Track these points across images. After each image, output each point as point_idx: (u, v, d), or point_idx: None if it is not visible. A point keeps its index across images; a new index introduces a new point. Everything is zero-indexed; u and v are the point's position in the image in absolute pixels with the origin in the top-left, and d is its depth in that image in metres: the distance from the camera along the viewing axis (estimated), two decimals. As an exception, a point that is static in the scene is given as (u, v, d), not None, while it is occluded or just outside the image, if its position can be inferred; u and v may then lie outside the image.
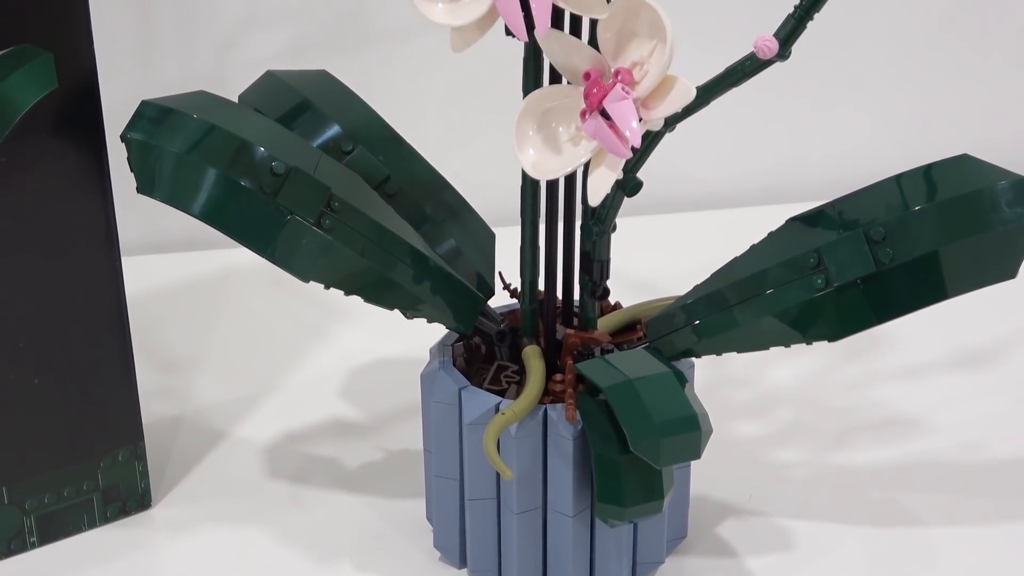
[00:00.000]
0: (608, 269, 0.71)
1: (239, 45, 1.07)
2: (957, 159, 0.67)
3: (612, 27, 0.60)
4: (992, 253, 0.65)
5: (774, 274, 0.67)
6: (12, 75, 0.65)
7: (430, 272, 0.70)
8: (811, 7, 0.61)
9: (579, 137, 0.61)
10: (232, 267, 1.06)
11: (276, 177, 0.65)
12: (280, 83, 0.75)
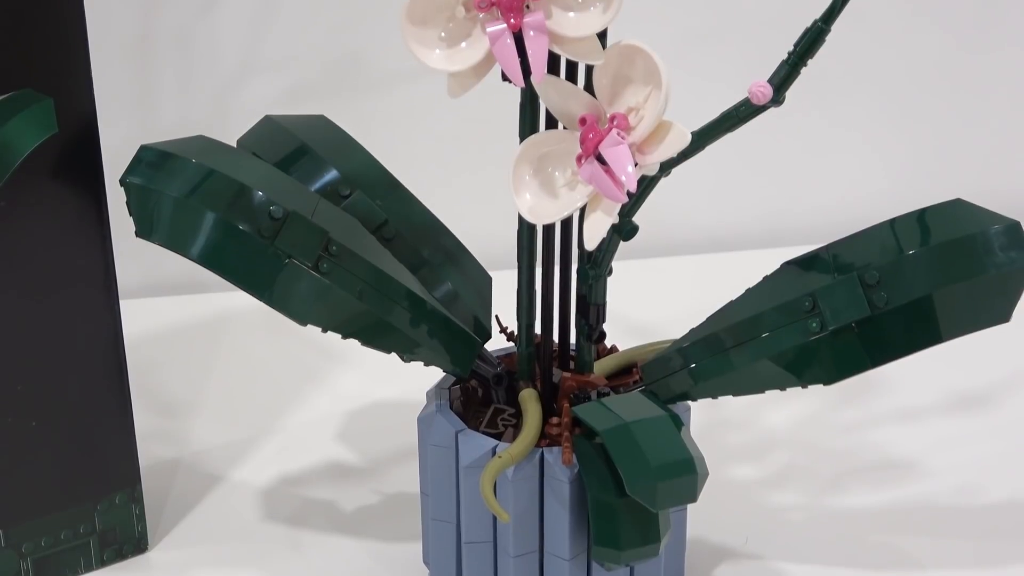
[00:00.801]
0: (604, 312, 0.71)
1: (238, 90, 1.08)
2: (950, 204, 0.67)
3: (608, 73, 0.60)
4: (986, 297, 0.65)
5: (769, 318, 0.67)
6: (12, 119, 0.66)
7: (427, 316, 0.70)
8: (804, 53, 0.61)
9: (575, 182, 0.61)
10: (230, 310, 1.06)
11: (274, 221, 0.65)
12: (278, 128, 0.75)
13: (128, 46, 1.05)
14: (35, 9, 0.68)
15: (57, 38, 0.69)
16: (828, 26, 0.61)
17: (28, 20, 0.68)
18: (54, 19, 0.68)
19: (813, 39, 0.61)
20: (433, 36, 0.60)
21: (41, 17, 0.68)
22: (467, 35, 0.60)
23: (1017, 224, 0.65)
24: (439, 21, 0.59)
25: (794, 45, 0.61)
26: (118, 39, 1.05)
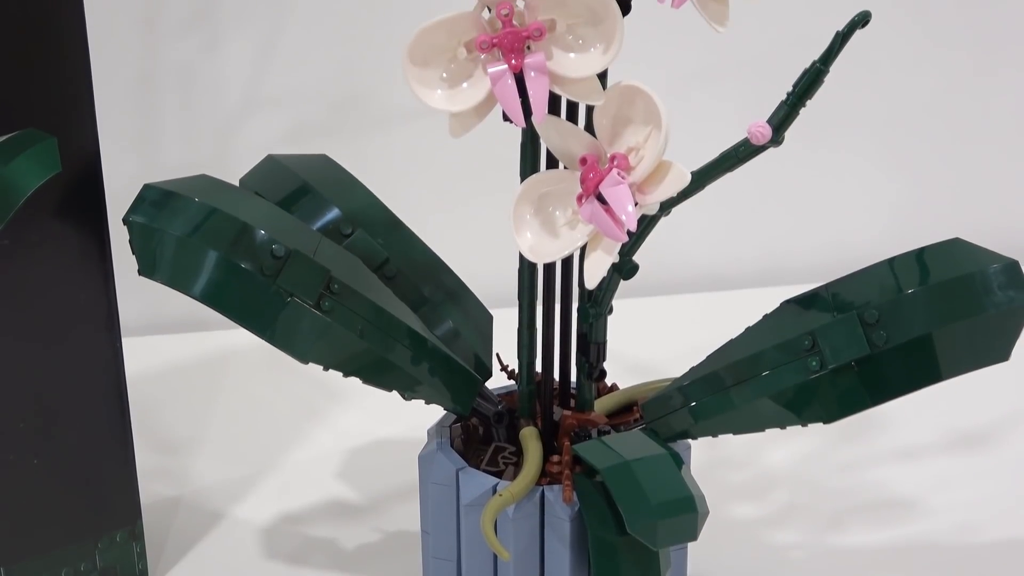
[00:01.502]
0: (605, 351, 0.71)
1: (240, 129, 1.08)
2: (949, 243, 0.68)
3: (608, 113, 0.61)
4: (985, 336, 0.65)
5: (769, 356, 0.67)
6: (16, 159, 0.66)
7: (428, 354, 0.70)
8: (803, 94, 0.62)
9: (576, 221, 0.61)
10: (231, 348, 1.06)
11: (276, 260, 0.65)
12: (281, 167, 0.75)
13: (131, 85, 1.06)
14: (39, 48, 0.68)
15: (61, 77, 0.69)
16: (826, 67, 0.61)
17: (32, 59, 0.68)
18: (58, 58, 0.69)
19: (812, 80, 0.61)
20: (435, 76, 0.60)
21: (45, 56, 0.68)
22: (468, 75, 0.60)
23: (1015, 263, 0.65)
24: (441, 62, 0.60)
25: (793, 86, 0.62)
26: (121, 78, 1.05)
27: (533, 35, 0.58)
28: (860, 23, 0.60)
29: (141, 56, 1.05)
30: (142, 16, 1.04)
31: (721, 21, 0.59)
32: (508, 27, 0.58)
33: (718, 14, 0.59)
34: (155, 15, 1.04)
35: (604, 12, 0.58)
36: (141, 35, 1.04)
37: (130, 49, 1.05)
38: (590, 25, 0.59)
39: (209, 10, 1.05)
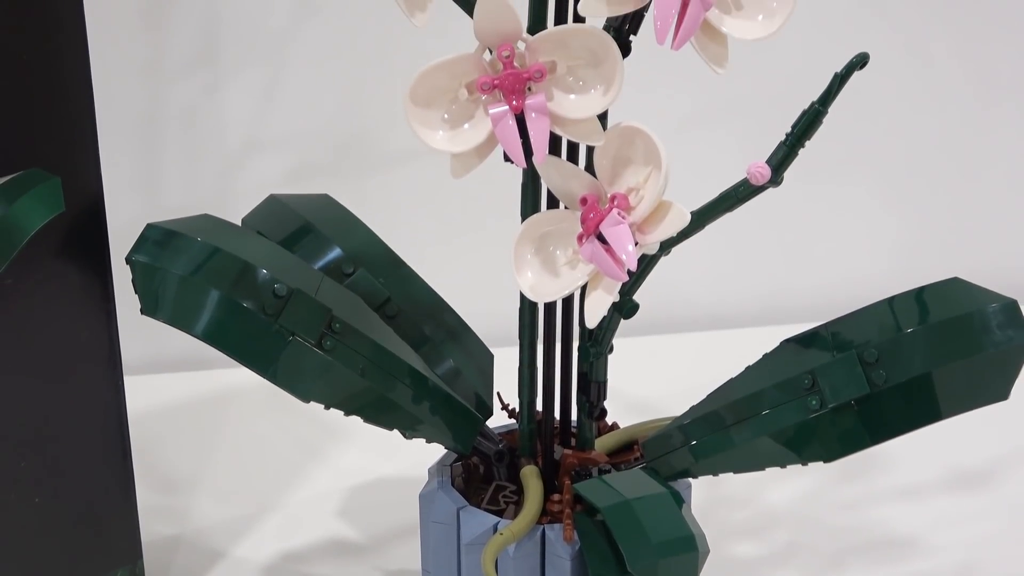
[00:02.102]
0: (605, 390, 0.71)
1: (242, 169, 1.09)
2: (948, 282, 0.68)
3: (608, 154, 0.61)
4: (984, 375, 0.65)
5: (769, 395, 0.68)
6: (20, 199, 0.66)
7: (429, 392, 0.70)
8: (802, 135, 0.62)
9: (576, 260, 0.62)
10: (233, 387, 1.06)
11: (278, 299, 0.66)
12: (283, 206, 0.76)
13: (134, 125, 1.06)
14: (43, 89, 0.69)
15: (65, 118, 0.70)
16: (825, 108, 0.62)
17: (37, 100, 0.68)
18: (62, 99, 0.69)
19: (810, 121, 0.62)
20: (436, 117, 0.60)
21: (49, 97, 0.69)
22: (470, 116, 0.60)
23: (1014, 303, 0.65)
24: (442, 103, 0.60)
25: (792, 126, 0.62)
26: (125, 118, 1.06)
27: (534, 76, 0.59)
28: (858, 65, 0.61)
29: (144, 97, 1.06)
30: (146, 58, 1.05)
31: (720, 63, 0.59)
32: (509, 69, 0.58)
33: (717, 56, 0.59)
34: (158, 57, 1.05)
35: (604, 54, 0.59)
36: (144, 76, 1.05)
37: (133, 90, 1.05)
38: (590, 67, 0.59)
39: (211, 52, 1.05)
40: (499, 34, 0.58)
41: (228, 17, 1.05)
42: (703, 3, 0.57)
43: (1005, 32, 1.15)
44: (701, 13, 0.57)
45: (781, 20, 0.59)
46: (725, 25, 0.59)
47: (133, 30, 1.03)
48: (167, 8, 1.03)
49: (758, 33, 0.59)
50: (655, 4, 0.57)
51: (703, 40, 0.59)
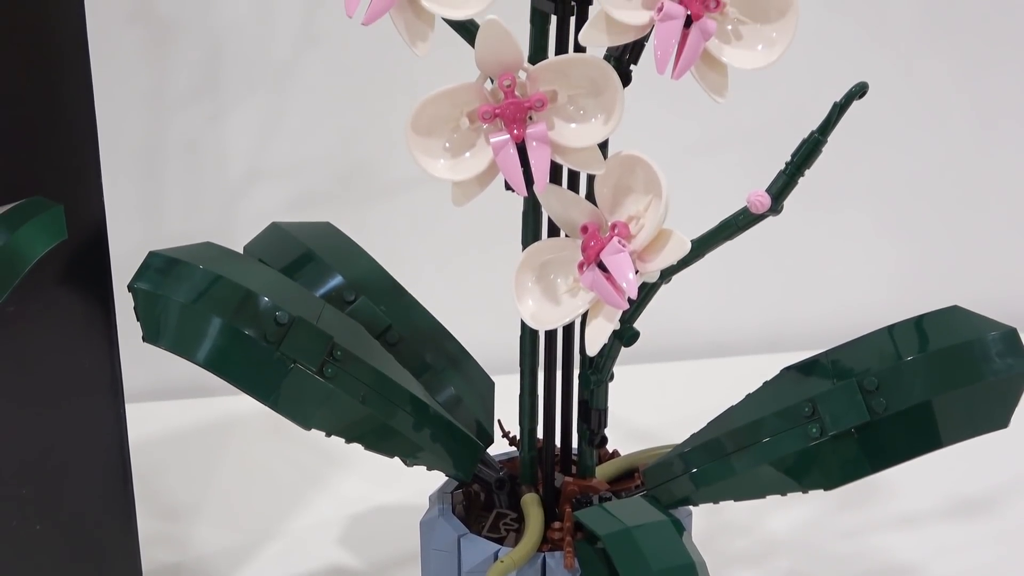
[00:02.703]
0: (606, 417, 0.72)
1: (244, 197, 1.09)
2: (948, 310, 0.68)
3: (609, 182, 0.61)
4: (984, 403, 0.65)
5: (770, 423, 0.68)
6: (23, 227, 0.66)
7: (430, 420, 0.71)
8: (802, 164, 0.62)
9: (577, 288, 0.62)
10: (234, 414, 1.06)
11: (280, 326, 0.66)
12: (285, 234, 0.76)
13: (137, 154, 1.07)
14: (47, 118, 0.69)
15: (69, 147, 0.70)
16: (824, 137, 0.62)
17: (41, 129, 0.69)
18: (66, 128, 0.70)
19: (810, 150, 0.62)
20: (438, 146, 0.60)
21: (53, 126, 0.69)
22: (471, 145, 0.60)
23: (1014, 331, 0.66)
24: (444, 131, 0.60)
25: (792, 155, 0.62)
26: (128, 147, 1.06)
27: (535, 106, 0.59)
28: (858, 94, 0.61)
29: (147, 125, 1.06)
30: (148, 87, 1.05)
31: (720, 92, 0.59)
32: (510, 98, 0.59)
33: (717, 85, 0.59)
34: (161, 86, 1.05)
35: (605, 83, 0.59)
36: (147, 105, 1.05)
37: (137, 119, 1.06)
38: (591, 96, 0.60)
39: (214, 81, 1.06)
40: (500, 63, 0.58)
41: (230, 47, 1.06)
42: (703, 33, 0.58)
43: (1004, 61, 1.16)
44: (701, 43, 0.58)
45: (780, 50, 0.59)
46: (725, 55, 0.59)
47: (136, 59, 1.04)
48: (170, 38, 1.04)
49: (758, 63, 0.59)
50: (655, 34, 0.57)
51: (703, 69, 0.59)
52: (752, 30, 0.59)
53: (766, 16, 0.59)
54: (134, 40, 1.03)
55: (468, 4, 0.58)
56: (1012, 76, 1.16)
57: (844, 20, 1.11)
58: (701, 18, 0.57)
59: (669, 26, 0.57)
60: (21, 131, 0.68)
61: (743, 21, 0.59)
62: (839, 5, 1.10)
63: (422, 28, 0.59)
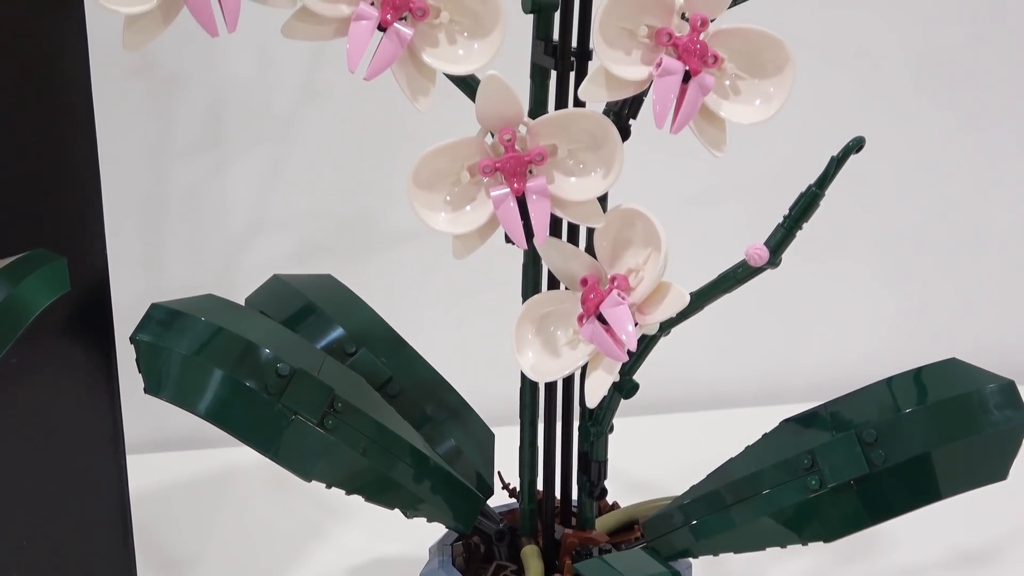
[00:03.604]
0: (606, 469, 0.72)
1: (246, 249, 1.09)
2: (946, 363, 0.68)
3: (608, 235, 0.62)
4: (983, 455, 0.65)
5: (769, 475, 0.68)
6: (27, 278, 0.67)
7: (430, 472, 0.71)
8: (800, 217, 0.63)
9: (577, 341, 0.62)
10: (234, 465, 1.06)
11: (281, 378, 0.66)
12: (286, 286, 0.76)
13: (140, 206, 1.07)
14: (52, 171, 0.69)
15: (73, 198, 0.70)
16: (822, 191, 0.62)
17: (45, 182, 0.69)
18: (70, 180, 0.70)
19: (808, 203, 0.63)
20: (439, 199, 0.61)
21: (57, 179, 0.70)
22: (471, 199, 0.61)
23: (1012, 383, 0.66)
24: (444, 185, 0.61)
25: (789, 209, 0.63)
26: (131, 198, 1.07)
27: (535, 160, 0.59)
28: (855, 148, 0.62)
29: (150, 177, 1.06)
30: (152, 139, 1.06)
31: (719, 146, 0.60)
32: (510, 152, 0.59)
33: (716, 139, 0.60)
34: (164, 138, 1.06)
35: (604, 137, 0.60)
36: (150, 158, 1.06)
37: (140, 170, 1.06)
38: (591, 150, 0.60)
39: (216, 134, 1.07)
40: (501, 118, 0.59)
41: (233, 100, 1.06)
42: (701, 88, 0.58)
43: (1001, 114, 1.17)
44: (699, 98, 0.58)
45: (778, 104, 0.60)
46: (723, 109, 0.60)
47: (140, 112, 1.04)
48: (174, 91, 1.05)
49: (755, 117, 0.60)
50: (654, 89, 0.58)
51: (701, 124, 0.60)
52: (750, 85, 0.60)
53: (764, 71, 0.60)
54: (138, 93, 1.04)
55: (469, 60, 0.59)
56: (1008, 128, 1.17)
57: (841, 74, 1.12)
58: (699, 73, 0.58)
59: (668, 81, 0.58)
60: (26, 183, 0.69)
61: (741, 76, 0.60)
62: (836, 60, 1.11)
63: (424, 83, 0.59)
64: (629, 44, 0.59)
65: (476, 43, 0.59)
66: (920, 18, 1.12)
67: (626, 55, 0.59)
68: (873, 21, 1.11)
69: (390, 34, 0.58)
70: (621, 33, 0.58)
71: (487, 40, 0.59)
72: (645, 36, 0.59)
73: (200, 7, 0.56)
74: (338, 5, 0.58)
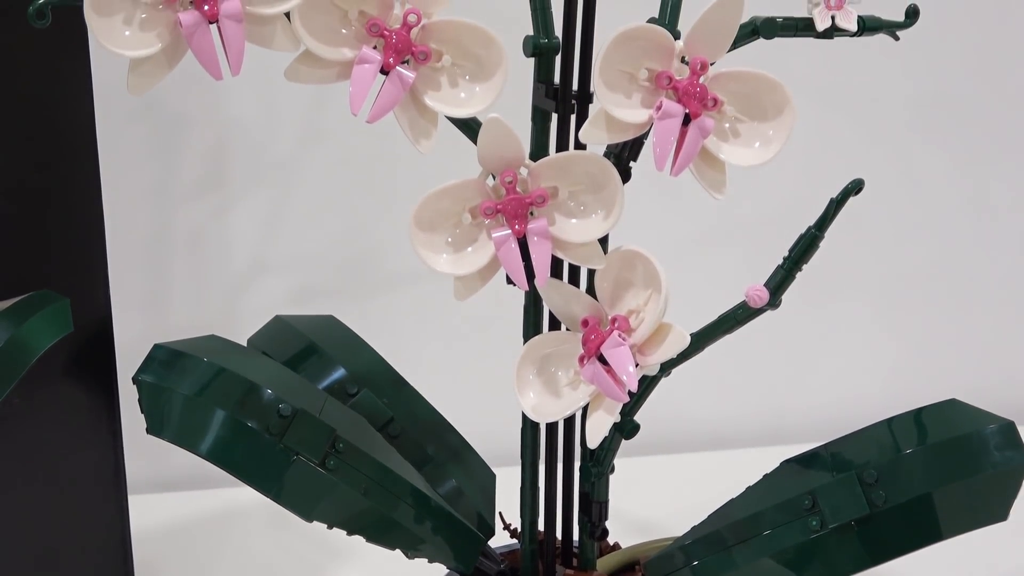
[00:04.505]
0: (607, 510, 0.72)
1: (248, 290, 1.10)
2: (946, 403, 0.68)
3: (609, 277, 0.62)
4: (983, 496, 0.65)
5: (770, 516, 0.68)
6: (30, 319, 0.67)
7: (432, 512, 0.71)
8: (799, 259, 0.63)
9: (578, 381, 0.62)
10: (235, 505, 1.06)
11: (283, 419, 0.66)
12: (288, 327, 0.77)
13: (143, 247, 1.08)
14: (56, 213, 0.70)
15: (76, 240, 0.71)
16: (822, 232, 0.63)
17: (49, 224, 0.70)
18: (74, 222, 0.70)
19: (807, 245, 0.63)
20: (440, 241, 0.61)
21: (61, 220, 0.70)
22: (473, 240, 0.61)
23: (1012, 424, 0.66)
24: (446, 227, 0.61)
25: (789, 250, 0.63)
26: (134, 239, 1.07)
27: (536, 202, 0.60)
28: (854, 190, 0.62)
29: (153, 219, 1.07)
30: (155, 181, 1.06)
31: (719, 189, 0.60)
32: (512, 194, 0.60)
33: (716, 182, 0.60)
34: (167, 180, 1.06)
35: (605, 179, 0.60)
36: (153, 199, 1.06)
37: (143, 212, 1.07)
38: (591, 192, 0.60)
39: (219, 176, 1.07)
40: (502, 160, 0.59)
41: (235, 141, 1.07)
42: (701, 131, 0.59)
43: (1000, 156, 1.17)
44: (699, 141, 0.59)
45: (777, 147, 0.60)
46: (723, 152, 0.60)
47: (143, 153, 1.05)
48: (176, 133, 1.05)
49: (755, 160, 0.60)
50: (654, 132, 0.58)
51: (701, 166, 0.60)
52: (749, 128, 0.60)
53: (763, 114, 0.60)
54: (141, 134, 1.04)
55: (471, 103, 0.59)
56: (1007, 171, 1.18)
57: (840, 117, 1.13)
58: (699, 116, 0.58)
59: (668, 124, 0.58)
60: (30, 224, 0.69)
61: (740, 119, 0.60)
62: (835, 103, 1.12)
63: (426, 126, 0.60)
64: (629, 87, 0.59)
65: (478, 86, 0.59)
66: (918, 61, 1.13)
67: (626, 98, 0.59)
68: (871, 64, 1.11)
69: (393, 77, 0.58)
70: (621, 76, 0.59)
71: (489, 83, 0.59)
72: (645, 79, 0.59)
73: (204, 51, 0.56)
74: (341, 49, 0.58)
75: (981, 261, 1.19)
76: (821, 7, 0.60)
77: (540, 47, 0.62)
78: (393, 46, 0.58)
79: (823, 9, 0.61)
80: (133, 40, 0.56)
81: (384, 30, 0.58)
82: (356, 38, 0.58)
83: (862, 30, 0.62)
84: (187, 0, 0.56)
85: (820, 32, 0.61)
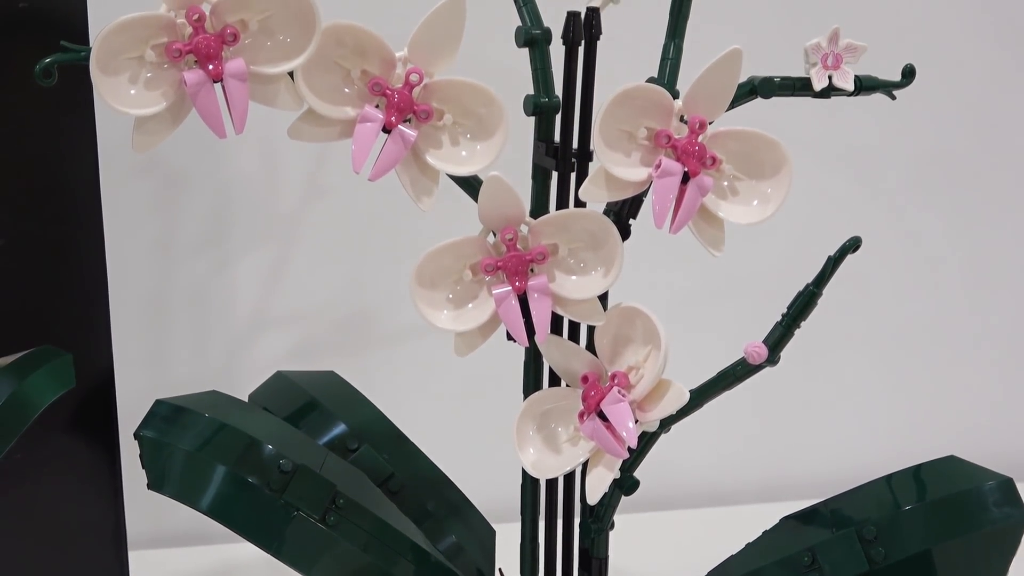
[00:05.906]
0: (607, 566, 0.72)
1: (250, 345, 1.10)
2: (945, 460, 0.69)
3: (609, 333, 0.62)
4: (982, 552, 0.65)
5: (770, 572, 0.68)
6: (32, 374, 0.67)
7: (431, 568, 0.71)
8: (798, 316, 0.63)
9: (578, 438, 0.62)
10: (235, 561, 1.06)
11: (283, 475, 0.66)
12: (289, 383, 0.77)
13: (145, 303, 1.08)
14: (59, 268, 0.70)
15: (79, 295, 0.71)
16: (820, 290, 0.63)
17: (52, 279, 0.70)
18: (77, 277, 0.71)
19: (806, 302, 0.63)
20: (441, 298, 0.61)
21: (64, 275, 0.70)
22: (474, 297, 0.61)
23: (1010, 480, 0.66)
24: (447, 283, 0.61)
25: (788, 307, 0.64)
26: (136, 294, 1.07)
27: (536, 259, 0.60)
28: (851, 248, 0.62)
29: (155, 274, 1.07)
30: (157, 237, 1.06)
31: (717, 246, 0.61)
32: (512, 251, 0.60)
33: (714, 239, 0.61)
34: (169, 236, 1.07)
35: (605, 237, 0.60)
36: (155, 255, 1.07)
37: (145, 268, 1.07)
38: (591, 249, 0.61)
39: (221, 232, 1.07)
40: (503, 217, 0.60)
41: (237, 198, 1.07)
42: (700, 189, 0.59)
43: (996, 214, 1.18)
44: (698, 199, 0.59)
45: (775, 205, 0.61)
46: (721, 210, 0.60)
47: (146, 210, 1.05)
48: (178, 189, 1.06)
49: (753, 218, 0.61)
50: (653, 190, 0.59)
51: (700, 224, 0.60)
52: (748, 186, 0.61)
53: (761, 172, 0.61)
54: (143, 190, 1.05)
55: (472, 161, 0.60)
56: (1004, 229, 1.18)
57: (838, 175, 1.13)
58: (698, 175, 0.59)
59: (667, 182, 0.59)
60: (33, 279, 0.69)
61: (739, 177, 0.61)
62: (833, 161, 1.12)
63: (427, 184, 0.60)
64: (629, 146, 0.60)
65: (479, 144, 0.60)
66: (915, 120, 1.14)
67: (626, 156, 0.60)
68: (869, 123, 1.12)
69: (394, 136, 0.59)
70: (621, 135, 0.59)
71: (489, 142, 0.60)
72: (644, 138, 0.59)
73: (209, 110, 0.57)
74: (343, 108, 0.59)
75: (978, 318, 1.19)
76: (818, 67, 0.61)
77: (541, 106, 0.62)
78: (395, 105, 0.58)
79: (820, 69, 0.61)
80: (138, 99, 0.57)
81: (386, 89, 0.58)
82: (359, 97, 0.59)
83: (859, 90, 0.62)
84: (192, 59, 0.57)
85: (817, 92, 0.61)
